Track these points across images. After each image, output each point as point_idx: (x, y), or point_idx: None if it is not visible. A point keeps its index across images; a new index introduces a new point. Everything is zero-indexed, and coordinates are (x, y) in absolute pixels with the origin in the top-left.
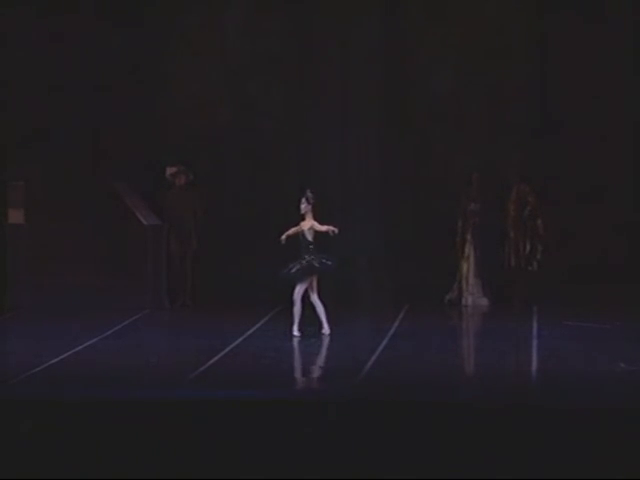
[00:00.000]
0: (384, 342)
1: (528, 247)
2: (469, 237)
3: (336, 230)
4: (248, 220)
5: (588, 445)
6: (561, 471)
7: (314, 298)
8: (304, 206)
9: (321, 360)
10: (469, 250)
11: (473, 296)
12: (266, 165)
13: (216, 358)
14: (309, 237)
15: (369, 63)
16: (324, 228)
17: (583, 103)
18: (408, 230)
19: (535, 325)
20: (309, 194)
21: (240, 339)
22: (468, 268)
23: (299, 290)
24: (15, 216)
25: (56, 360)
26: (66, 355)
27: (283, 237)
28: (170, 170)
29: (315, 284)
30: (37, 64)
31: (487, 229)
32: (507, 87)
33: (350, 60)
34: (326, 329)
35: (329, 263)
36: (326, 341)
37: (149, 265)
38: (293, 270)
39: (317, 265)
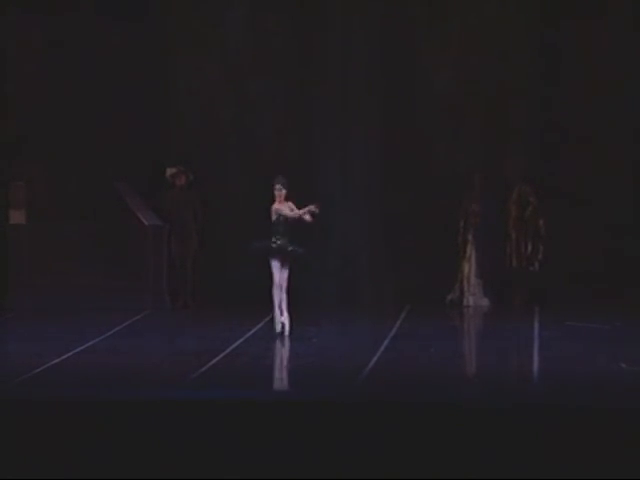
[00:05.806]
0: (385, 343)
1: (529, 247)
2: (470, 237)
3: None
4: (248, 220)
5: (588, 445)
6: (561, 471)
7: (283, 296)
8: (284, 192)
9: (322, 361)
10: (470, 250)
11: (474, 296)
12: (266, 165)
13: (217, 359)
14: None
15: (369, 62)
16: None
17: (584, 103)
18: (408, 230)
19: (536, 325)
20: (282, 180)
21: (241, 340)
22: (469, 268)
23: (278, 278)
24: (16, 216)
25: (57, 360)
26: (67, 355)
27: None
28: (170, 170)
29: (286, 275)
30: (37, 63)
31: (488, 229)
32: (507, 87)
33: (350, 60)
34: (286, 330)
35: (300, 250)
36: (327, 342)
37: (150, 265)
38: (265, 245)
39: (289, 248)
